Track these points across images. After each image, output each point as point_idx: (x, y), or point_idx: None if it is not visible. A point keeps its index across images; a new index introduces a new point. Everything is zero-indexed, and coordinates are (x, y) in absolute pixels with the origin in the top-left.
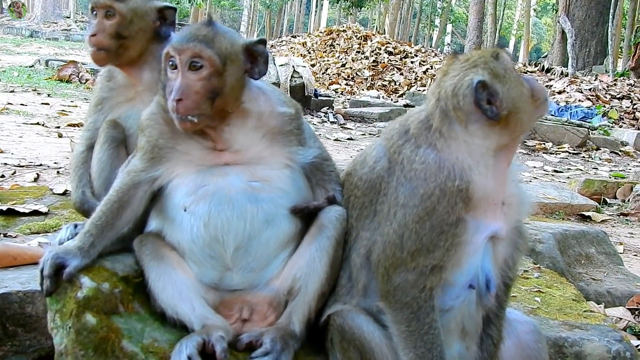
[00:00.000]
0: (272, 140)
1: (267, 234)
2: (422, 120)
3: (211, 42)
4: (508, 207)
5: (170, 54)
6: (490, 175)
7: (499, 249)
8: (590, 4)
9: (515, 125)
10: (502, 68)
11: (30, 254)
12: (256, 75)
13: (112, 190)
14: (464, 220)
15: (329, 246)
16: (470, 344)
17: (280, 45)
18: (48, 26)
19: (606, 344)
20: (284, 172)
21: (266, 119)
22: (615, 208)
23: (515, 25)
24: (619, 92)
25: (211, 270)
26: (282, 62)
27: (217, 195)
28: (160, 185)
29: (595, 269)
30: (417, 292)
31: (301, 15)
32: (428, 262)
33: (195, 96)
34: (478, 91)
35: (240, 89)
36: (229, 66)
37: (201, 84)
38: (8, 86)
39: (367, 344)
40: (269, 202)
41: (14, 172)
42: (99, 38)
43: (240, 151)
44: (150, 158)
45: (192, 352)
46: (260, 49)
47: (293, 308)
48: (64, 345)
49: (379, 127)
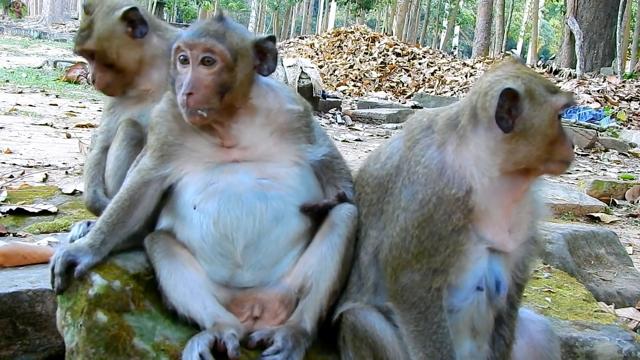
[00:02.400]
0: (280, 137)
1: (277, 232)
2: (452, 116)
3: (222, 37)
4: (516, 234)
5: (182, 49)
6: (495, 193)
7: (510, 253)
8: (599, 5)
9: (522, 154)
10: (542, 95)
11: (40, 253)
12: (265, 71)
13: (123, 188)
14: (466, 229)
15: (340, 244)
16: (481, 343)
17: (288, 47)
18: (56, 27)
19: (617, 344)
20: (293, 169)
21: (274, 115)
22: (624, 209)
23: (523, 27)
24: (628, 93)
25: (222, 268)
26: (290, 63)
27: (226, 192)
28: (170, 184)
29: (605, 269)
30: (424, 292)
31: (309, 17)
32: (431, 265)
33: (205, 90)
34: (502, 97)
35: (249, 85)
36: (240, 62)
37: (212, 78)
38: (17, 87)
39: (379, 341)
40: (278, 199)
41: (22, 172)
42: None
43: (248, 148)
44: (159, 156)
45: (203, 349)
46: (270, 46)
47: (304, 306)
48: (75, 343)
49: (386, 129)
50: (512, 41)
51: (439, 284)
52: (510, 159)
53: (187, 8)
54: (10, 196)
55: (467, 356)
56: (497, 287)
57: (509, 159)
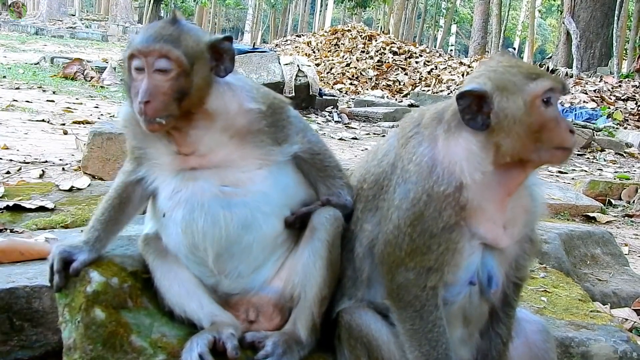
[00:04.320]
0: (241, 140)
1: (248, 239)
2: (439, 111)
3: (177, 41)
4: (512, 229)
5: (136, 56)
6: (488, 188)
7: (504, 250)
8: (595, 5)
9: (509, 146)
10: (516, 85)
11: (37, 250)
12: (222, 72)
13: (111, 188)
14: (458, 226)
15: (322, 250)
16: (473, 331)
17: (285, 45)
18: (53, 24)
19: (613, 344)
20: (260, 173)
21: (233, 118)
22: (620, 209)
23: (520, 26)
24: (624, 93)
25: (202, 275)
26: (287, 61)
27: (190, 201)
28: (149, 186)
29: (601, 269)
30: (419, 290)
31: (306, 15)
32: (425, 263)
33: (162, 97)
34: (463, 99)
35: (207, 88)
36: (196, 65)
37: (169, 84)
38: (13, 83)
39: (374, 341)
40: (243, 206)
41: (19, 168)
42: None
43: (207, 155)
44: (133, 159)
45: (203, 350)
46: (226, 46)
47: (296, 315)
48: (72, 340)
49: (383, 127)
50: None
51: (433, 282)
52: (500, 151)
53: (184, 5)
54: (7, 192)
55: (457, 342)
56: (489, 282)
57: (499, 151)
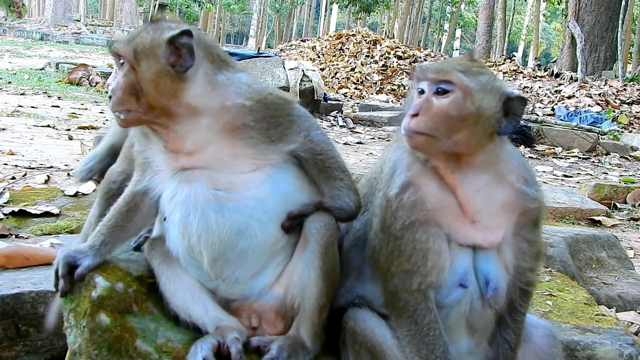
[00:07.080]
0: (230, 137)
1: (243, 245)
2: None
3: (132, 38)
4: (485, 224)
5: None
6: (432, 184)
7: (499, 252)
8: (600, 9)
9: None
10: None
11: (42, 255)
12: (179, 67)
13: (121, 197)
14: (421, 224)
15: (315, 261)
16: (480, 340)
17: (289, 49)
18: (58, 29)
19: (619, 347)
20: (256, 177)
21: (218, 114)
22: (625, 213)
23: (524, 30)
24: (629, 97)
25: (201, 279)
26: (292, 66)
27: (185, 204)
28: (154, 194)
29: (606, 273)
30: (407, 295)
31: (310, 20)
32: (402, 266)
33: (119, 92)
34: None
35: (170, 84)
36: (145, 61)
37: (123, 80)
38: (19, 89)
39: (379, 346)
40: (236, 212)
41: (24, 174)
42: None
43: (195, 152)
44: (139, 166)
45: (207, 354)
46: (183, 40)
47: (299, 322)
48: (77, 345)
49: (388, 132)
50: (514, 44)
51: (416, 285)
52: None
53: (188, 10)
54: (12, 198)
55: (465, 353)
56: (486, 286)
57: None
